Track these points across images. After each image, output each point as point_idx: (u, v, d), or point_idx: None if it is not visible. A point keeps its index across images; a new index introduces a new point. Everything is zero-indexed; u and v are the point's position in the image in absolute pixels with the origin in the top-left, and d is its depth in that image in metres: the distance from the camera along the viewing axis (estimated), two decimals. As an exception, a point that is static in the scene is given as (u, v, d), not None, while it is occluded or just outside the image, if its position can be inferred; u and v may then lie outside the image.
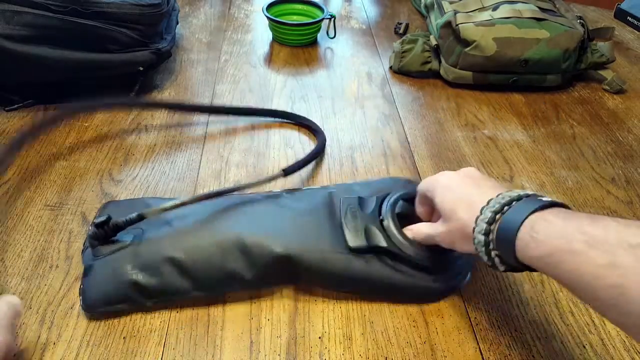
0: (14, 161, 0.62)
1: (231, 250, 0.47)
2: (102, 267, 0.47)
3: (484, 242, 0.38)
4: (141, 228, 0.49)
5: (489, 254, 0.38)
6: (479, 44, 0.79)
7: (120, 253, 0.47)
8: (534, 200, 0.37)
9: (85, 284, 0.46)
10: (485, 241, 0.38)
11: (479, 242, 0.38)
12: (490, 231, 0.38)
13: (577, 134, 0.76)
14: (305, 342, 0.45)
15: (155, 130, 0.70)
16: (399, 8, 1.12)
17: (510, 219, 0.37)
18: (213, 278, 0.46)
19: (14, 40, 0.64)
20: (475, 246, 0.39)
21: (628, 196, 0.65)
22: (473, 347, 0.46)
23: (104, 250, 0.48)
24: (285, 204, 0.53)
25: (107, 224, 0.47)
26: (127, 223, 0.48)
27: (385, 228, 0.49)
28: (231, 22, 1.02)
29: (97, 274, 0.47)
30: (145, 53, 0.73)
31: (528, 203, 0.37)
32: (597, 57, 0.86)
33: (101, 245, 0.48)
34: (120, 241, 0.48)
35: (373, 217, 0.50)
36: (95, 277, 0.46)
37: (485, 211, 0.38)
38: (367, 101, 0.80)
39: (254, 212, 0.52)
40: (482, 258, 0.39)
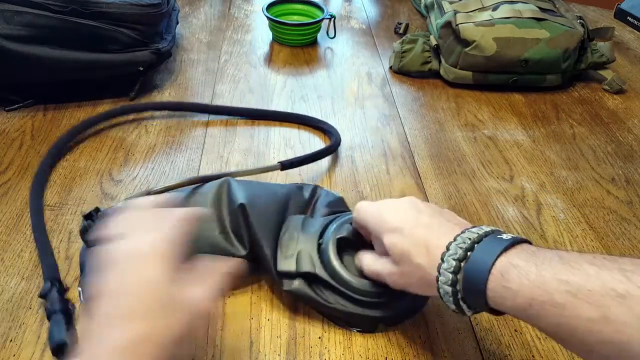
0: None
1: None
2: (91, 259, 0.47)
3: (452, 292, 0.35)
4: None
5: (457, 303, 0.36)
6: (479, 44, 0.79)
7: None
8: (495, 240, 0.35)
9: (83, 280, 0.47)
10: (453, 292, 0.35)
11: (446, 292, 0.36)
12: (457, 281, 0.35)
13: (577, 134, 0.76)
14: (305, 342, 0.45)
15: (155, 130, 0.70)
16: (399, 8, 1.12)
17: (476, 267, 0.34)
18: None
19: (14, 40, 0.64)
20: (442, 296, 0.36)
21: (628, 196, 0.65)
22: (473, 347, 0.46)
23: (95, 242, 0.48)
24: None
25: (94, 215, 0.47)
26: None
27: (322, 252, 0.46)
28: (231, 22, 1.02)
29: (92, 269, 0.47)
30: (145, 53, 0.73)
31: (490, 245, 0.35)
32: (597, 57, 0.86)
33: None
34: None
35: (312, 240, 0.46)
36: (90, 273, 0.47)
37: (447, 259, 0.35)
38: (367, 101, 0.80)
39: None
40: (448, 305, 0.37)
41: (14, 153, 0.64)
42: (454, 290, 0.35)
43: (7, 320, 0.45)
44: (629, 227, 0.60)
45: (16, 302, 0.47)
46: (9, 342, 0.43)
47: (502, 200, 0.62)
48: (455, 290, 0.35)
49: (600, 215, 0.61)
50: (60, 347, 0.41)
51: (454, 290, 0.35)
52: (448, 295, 0.36)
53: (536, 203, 0.62)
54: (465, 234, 0.36)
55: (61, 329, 0.41)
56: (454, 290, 0.35)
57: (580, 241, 0.57)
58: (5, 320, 0.45)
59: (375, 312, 0.44)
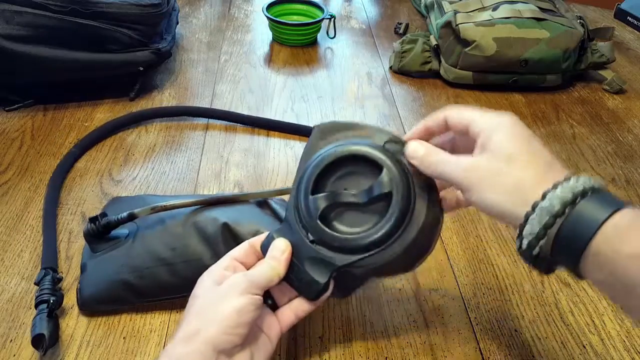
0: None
1: (217, 242, 0.46)
2: (97, 266, 0.47)
3: (532, 246, 0.31)
4: (136, 223, 0.50)
5: (534, 258, 0.32)
6: (479, 44, 0.79)
7: (114, 252, 0.47)
8: (605, 198, 0.30)
9: (82, 281, 0.47)
10: (534, 245, 0.31)
11: (528, 244, 0.31)
12: (545, 236, 0.31)
13: (577, 134, 0.76)
14: (305, 342, 0.45)
15: (155, 130, 0.70)
16: (399, 8, 1.12)
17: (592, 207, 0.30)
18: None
19: (14, 40, 0.64)
20: (519, 240, 0.32)
21: (628, 196, 0.64)
22: (473, 347, 0.46)
23: (100, 247, 0.48)
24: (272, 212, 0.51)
25: (99, 219, 0.48)
26: (118, 222, 0.48)
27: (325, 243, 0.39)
28: (231, 22, 1.02)
29: (92, 273, 0.47)
30: (145, 53, 0.73)
31: (599, 202, 0.30)
32: (597, 57, 0.86)
33: (97, 243, 0.48)
34: (115, 238, 0.49)
35: (305, 246, 0.39)
36: (89, 276, 0.47)
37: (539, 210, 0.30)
38: (367, 101, 0.80)
39: (242, 210, 0.50)
40: (524, 255, 0.32)
41: (14, 153, 0.64)
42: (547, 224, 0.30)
43: (7, 320, 0.45)
44: (629, 227, 0.60)
45: (16, 302, 0.47)
46: (9, 342, 0.43)
47: (502, 200, 0.62)
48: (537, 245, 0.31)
49: (600, 215, 0.61)
50: (38, 339, 0.41)
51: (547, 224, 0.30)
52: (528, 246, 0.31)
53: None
54: (568, 184, 0.31)
55: (43, 322, 0.42)
56: (536, 244, 0.31)
57: (580, 241, 0.57)
58: (5, 320, 0.45)
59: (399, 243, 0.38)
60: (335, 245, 0.38)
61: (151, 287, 0.46)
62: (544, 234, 0.30)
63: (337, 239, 0.38)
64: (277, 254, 0.39)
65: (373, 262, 0.38)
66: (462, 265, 0.53)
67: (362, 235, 0.38)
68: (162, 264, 0.46)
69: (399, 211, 0.37)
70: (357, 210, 0.39)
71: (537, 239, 0.31)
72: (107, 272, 0.46)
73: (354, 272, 0.39)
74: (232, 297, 0.36)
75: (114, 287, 0.46)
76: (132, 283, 0.46)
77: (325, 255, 0.38)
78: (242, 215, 0.48)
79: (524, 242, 0.31)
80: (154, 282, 0.46)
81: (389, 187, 0.37)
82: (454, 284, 0.52)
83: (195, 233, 0.47)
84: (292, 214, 0.40)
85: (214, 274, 0.39)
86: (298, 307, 0.40)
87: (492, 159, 0.34)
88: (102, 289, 0.46)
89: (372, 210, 0.39)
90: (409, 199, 0.38)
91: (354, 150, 0.39)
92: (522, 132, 0.35)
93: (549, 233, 0.30)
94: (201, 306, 0.37)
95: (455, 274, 0.52)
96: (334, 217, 0.40)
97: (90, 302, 0.46)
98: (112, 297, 0.46)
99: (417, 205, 0.38)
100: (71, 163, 0.63)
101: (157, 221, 0.49)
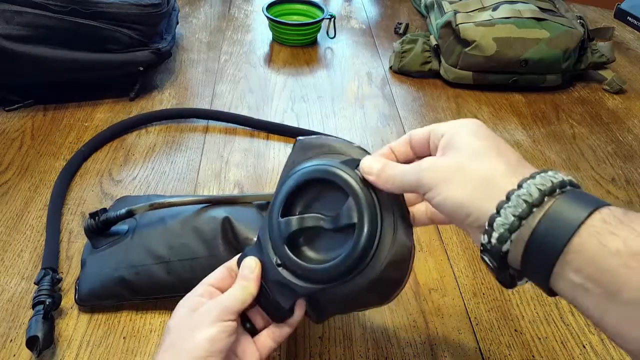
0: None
1: (216, 242, 0.46)
2: (95, 262, 0.47)
3: (504, 239, 0.27)
4: (136, 220, 0.50)
5: (501, 257, 0.28)
6: (479, 44, 0.79)
7: (113, 248, 0.48)
8: (588, 195, 0.27)
9: (81, 277, 0.47)
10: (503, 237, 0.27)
11: (499, 237, 0.27)
12: (519, 227, 0.27)
13: (577, 134, 0.76)
14: (305, 342, 0.45)
15: (155, 130, 0.70)
16: (399, 8, 1.12)
17: (560, 217, 0.26)
18: (198, 278, 0.46)
19: (14, 40, 0.64)
20: (487, 235, 0.28)
21: (628, 196, 0.64)
22: (473, 347, 0.46)
23: (100, 242, 0.48)
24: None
25: (98, 215, 0.48)
26: (117, 218, 0.48)
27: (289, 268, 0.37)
28: (231, 22, 1.02)
29: (90, 269, 0.47)
30: (145, 53, 0.73)
31: (583, 196, 0.27)
32: (597, 57, 0.86)
33: (97, 238, 0.49)
34: (115, 234, 0.49)
35: (273, 270, 0.38)
36: (88, 272, 0.47)
37: (515, 198, 0.27)
38: (367, 101, 0.80)
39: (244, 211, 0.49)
40: (484, 249, 0.29)
41: (14, 153, 0.64)
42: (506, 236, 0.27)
43: (7, 320, 0.45)
44: (629, 227, 0.60)
45: (16, 302, 0.47)
46: (9, 342, 0.43)
47: (502, 200, 0.62)
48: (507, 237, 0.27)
49: (600, 215, 0.61)
50: (32, 341, 0.41)
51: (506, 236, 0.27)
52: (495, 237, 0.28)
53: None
54: (543, 175, 0.28)
55: (38, 324, 0.42)
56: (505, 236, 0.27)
57: (580, 241, 0.57)
58: (5, 320, 0.45)
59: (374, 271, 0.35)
60: (299, 273, 0.36)
61: (146, 284, 0.46)
62: (519, 225, 0.27)
63: (300, 266, 0.36)
64: (247, 273, 0.38)
65: (336, 292, 0.36)
66: (462, 265, 0.53)
67: (324, 267, 0.36)
68: (159, 261, 0.46)
69: (361, 246, 0.34)
70: (327, 235, 0.37)
71: (510, 231, 0.27)
72: (105, 268, 0.46)
73: (320, 301, 0.37)
74: (204, 326, 0.35)
75: (111, 283, 0.46)
76: (128, 280, 0.46)
77: (290, 281, 0.37)
78: (244, 215, 0.48)
79: (493, 235, 0.28)
80: (149, 280, 0.46)
81: (354, 217, 0.35)
82: (454, 284, 0.52)
83: (193, 232, 0.47)
84: (264, 233, 0.38)
85: (189, 302, 0.37)
86: (275, 332, 0.38)
87: (455, 156, 0.31)
88: (99, 284, 0.46)
89: (342, 236, 0.36)
90: (374, 231, 0.35)
91: (323, 173, 0.37)
92: (488, 133, 0.32)
93: (523, 225, 0.27)
94: (174, 337, 0.35)
95: (455, 274, 0.52)
96: (305, 241, 0.38)
97: (88, 297, 0.46)
98: (109, 293, 0.46)
99: (384, 236, 0.35)
100: (79, 163, 0.63)
101: (157, 219, 0.49)
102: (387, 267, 0.35)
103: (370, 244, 0.35)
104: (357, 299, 0.36)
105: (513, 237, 0.27)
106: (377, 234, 0.35)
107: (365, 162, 0.35)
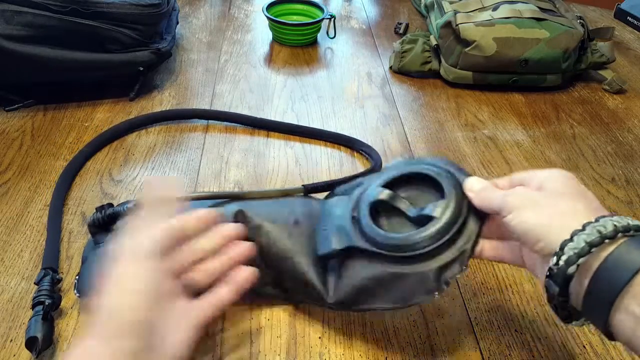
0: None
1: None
2: (98, 255, 0.47)
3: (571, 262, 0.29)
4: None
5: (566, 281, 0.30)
6: (479, 44, 0.79)
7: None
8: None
9: (82, 271, 0.47)
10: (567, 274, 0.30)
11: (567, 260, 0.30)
12: (588, 253, 0.29)
13: (577, 134, 0.76)
14: (305, 342, 0.45)
15: (155, 131, 0.70)
16: (399, 8, 1.12)
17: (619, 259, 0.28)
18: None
19: (14, 40, 0.64)
20: (557, 257, 0.30)
21: (628, 196, 0.65)
22: (473, 347, 0.46)
23: (102, 239, 0.48)
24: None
25: (105, 209, 0.48)
26: (125, 212, 0.48)
27: (360, 223, 0.42)
28: (231, 22, 1.02)
29: (93, 261, 0.47)
30: (145, 53, 0.73)
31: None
32: (597, 57, 0.86)
33: (100, 234, 0.48)
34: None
35: (345, 217, 0.43)
36: (91, 265, 0.47)
37: (590, 228, 0.29)
38: (367, 101, 0.80)
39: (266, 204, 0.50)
40: (557, 275, 0.30)
41: (14, 153, 0.64)
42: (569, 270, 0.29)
43: (7, 320, 0.45)
44: (629, 227, 0.60)
45: (16, 302, 0.47)
46: (9, 342, 0.43)
47: (502, 200, 0.62)
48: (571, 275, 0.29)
49: (600, 215, 0.61)
50: (31, 342, 0.41)
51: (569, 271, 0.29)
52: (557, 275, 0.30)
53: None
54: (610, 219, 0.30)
55: (37, 324, 0.42)
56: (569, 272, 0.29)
57: (580, 241, 0.57)
58: (5, 320, 0.45)
59: (432, 263, 0.38)
60: (365, 231, 0.41)
61: None
62: (588, 251, 0.29)
63: (369, 226, 0.41)
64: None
65: (383, 268, 0.40)
66: (462, 265, 0.53)
67: (388, 235, 0.40)
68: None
69: (435, 230, 0.38)
70: (404, 220, 0.42)
71: (579, 255, 0.29)
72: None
73: (354, 273, 0.41)
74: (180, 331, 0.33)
75: None
76: None
77: (351, 231, 0.41)
78: (257, 207, 0.47)
79: (562, 257, 0.30)
80: None
81: (437, 213, 0.39)
82: (454, 284, 0.52)
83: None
84: (357, 190, 0.45)
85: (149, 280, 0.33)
86: (219, 295, 0.36)
87: (542, 191, 0.34)
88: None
89: (415, 227, 0.40)
90: (446, 231, 0.38)
91: (435, 173, 0.42)
92: (578, 183, 0.35)
93: (592, 252, 0.29)
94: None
95: (455, 274, 0.52)
96: (383, 214, 0.43)
97: (89, 290, 0.45)
98: None
99: (454, 242, 0.39)
100: (82, 162, 0.63)
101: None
102: (440, 268, 0.38)
103: (440, 237, 0.38)
104: (396, 281, 0.39)
105: (580, 261, 0.29)
106: (448, 235, 0.38)
107: (472, 180, 0.40)
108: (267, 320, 0.47)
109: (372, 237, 0.40)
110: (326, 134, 0.71)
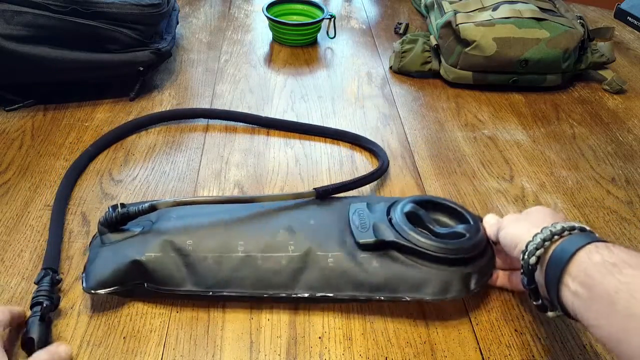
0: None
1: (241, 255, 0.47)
2: (107, 252, 0.47)
3: (532, 253, 0.39)
4: (151, 221, 0.49)
5: (531, 267, 0.40)
6: (479, 44, 0.79)
7: (127, 241, 0.47)
8: (591, 235, 0.39)
9: (88, 266, 0.46)
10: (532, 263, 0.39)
11: (529, 252, 0.40)
12: (542, 246, 0.39)
13: (577, 134, 0.76)
14: (305, 342, 0.45)
15: (155, 130, 0.70)
16: (399, 8, 1.12)
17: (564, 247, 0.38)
18: (218, 277, 0.46)
19: (14, 40, 0.64)
20: (523, 253, 0.41)
21: (628, 196, 0.65)
22: (473, 347, 0.46)
23: (112, 238, 0.48)
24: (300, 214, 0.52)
25: (119, 208, 0.47)
26: (138, 213, 0.48)
27: (394, 225, 0.48)
28: (231, 22, 1.02)
29: (101, 258, 0.46)
30: (145, 53, 0.73)
31: (591, 233, 0.39)
32: (597, 57, 0.86)
33: (110, 234, 0.48)
34: (129, 230, 0.48)
35: (381, 216, 0.50)
36: (98, 261, 0.46)
37: (545, 230, 0.40)
38: (367, 101, 0.80)
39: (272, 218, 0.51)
40: (525, 265, 0.40)
41: (14, 153, 0.64)
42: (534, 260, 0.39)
43: (7, 320, 0.45)
44: (629, 227, 0.60)
45: (16, 302, 0.47)
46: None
47: (502, 200, 0.62)
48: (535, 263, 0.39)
49: (600, 215, 0.61)
50: (28, 342, 0.41)
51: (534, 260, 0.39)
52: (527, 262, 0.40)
53: (536, 203, 0.62)
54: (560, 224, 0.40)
55: (34, 325, 0.42)
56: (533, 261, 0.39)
57: (580, 241, 0.57)
58: (6, 320, 0.45)
59: (462, 268, 0.46)
60: (396, 229, 0.48)
61: (159, 269, 0.45)
62: (542, 245, 0.39)
63: (399, 226, 0.48)
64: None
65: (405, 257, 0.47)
66: (462, 265, 0.53)
67: (416, 236, 0.47)
68: (178, 253, 0.46)
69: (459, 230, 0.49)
70: (428, 234, 0.49)
71: (536, 248, 0.39)
72: (117, 256, 0.46)
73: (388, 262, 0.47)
74: None
75: (122, 267, 0.45)
76: (141, 261, 0.45)
77: (384, 229, 0.48)
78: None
79: (526, 253, 0.40)
80: (163, 266, 0.45)
81: (461, 230, 0.49)
82: (454, 284, 0.51)
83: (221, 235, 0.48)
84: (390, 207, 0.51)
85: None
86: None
87: (524, 215, 0.47)
88: (109, 269, 0.45)
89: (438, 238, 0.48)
90: (468, 246, 0.47)
91: (461, 207, 0.53)
92: (552, 210, 0.46)
93: (546, 246, 0.39)
94: None
95: (455, 274, 0.52)
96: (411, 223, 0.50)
97: (96, 284, 0.45)
98: (118, 277, 0.45)
99: (470, 259, 0.47)
100: (86, 163, 0.63)
101: (176, 218, 0.49)
102: (451, 273, 0.46)
103: (458, 249, 0.46)
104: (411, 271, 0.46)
105: (538, 253, 0.39)
106: (468, 249, 0.47)
107: (489, 216, 0.51)
108: (267, 320, 0.47)
109: (405, 236, 0.47)
110: (332, 132, 0.71)
